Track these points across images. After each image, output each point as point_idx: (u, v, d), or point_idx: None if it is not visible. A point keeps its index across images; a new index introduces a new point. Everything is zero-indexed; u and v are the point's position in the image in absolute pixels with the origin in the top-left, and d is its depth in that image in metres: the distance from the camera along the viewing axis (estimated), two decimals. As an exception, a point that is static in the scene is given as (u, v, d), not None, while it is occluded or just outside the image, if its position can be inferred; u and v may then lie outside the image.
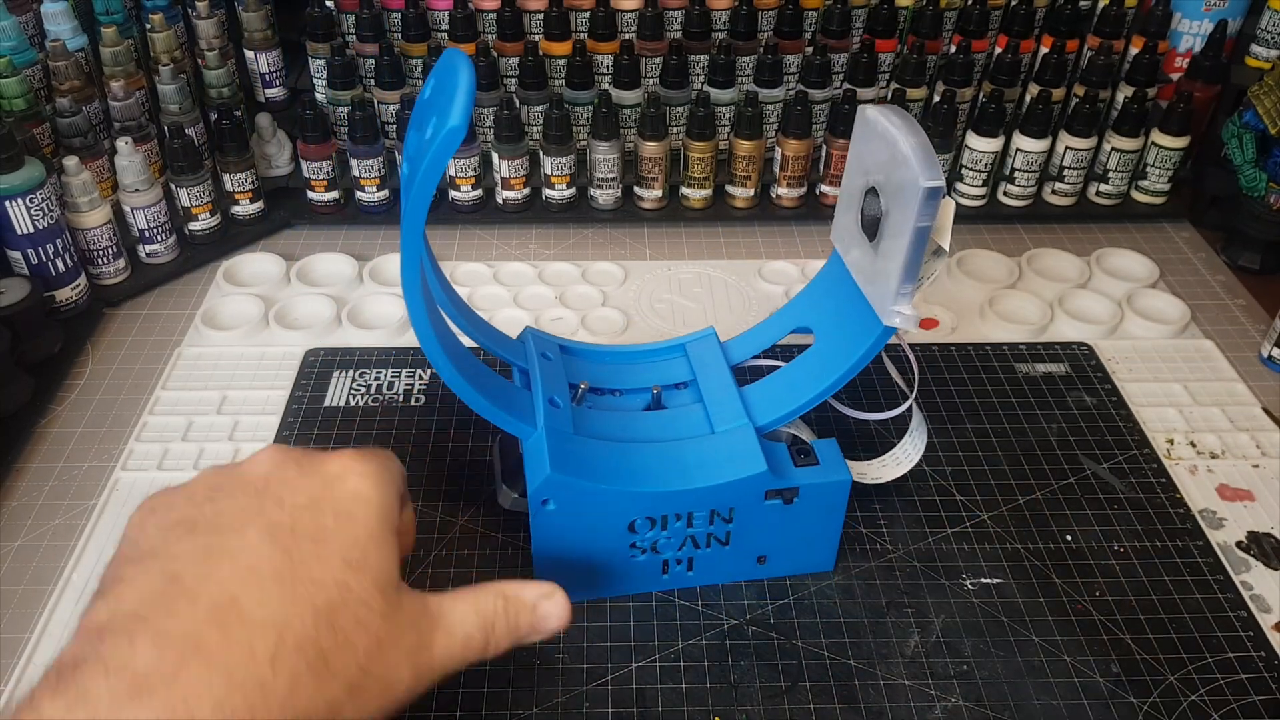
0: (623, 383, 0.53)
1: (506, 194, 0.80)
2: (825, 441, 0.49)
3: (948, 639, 0.48)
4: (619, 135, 0.78)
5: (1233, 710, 0.45)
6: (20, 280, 0.65)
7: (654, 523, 0.46)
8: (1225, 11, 0.84)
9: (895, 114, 0.45)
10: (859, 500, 0.55)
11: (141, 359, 0.67)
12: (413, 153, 0.41)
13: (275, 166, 0.83)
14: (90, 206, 0.69)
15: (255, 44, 0.87)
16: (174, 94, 0.78)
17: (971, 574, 0.52)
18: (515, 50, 0.82)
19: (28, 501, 0.56)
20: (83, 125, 0.72)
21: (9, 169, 0.63)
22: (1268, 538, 0.54)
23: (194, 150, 0.73)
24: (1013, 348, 0.68)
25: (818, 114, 0.81)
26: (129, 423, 0.61)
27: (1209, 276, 0.77)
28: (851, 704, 0.46)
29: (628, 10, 0.83)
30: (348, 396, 0.63)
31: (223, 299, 0.71)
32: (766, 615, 0.50)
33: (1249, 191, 0.76)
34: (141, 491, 0.56)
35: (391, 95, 0.81)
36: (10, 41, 0.73)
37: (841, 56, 0.84)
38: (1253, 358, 0.69)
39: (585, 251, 0.79)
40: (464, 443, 0.59)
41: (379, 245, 0.79)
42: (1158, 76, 0.83)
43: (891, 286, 0.45)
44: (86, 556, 0.53)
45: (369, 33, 0.83)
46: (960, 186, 0.82)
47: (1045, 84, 0.81)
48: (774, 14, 0.84)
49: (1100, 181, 0.82)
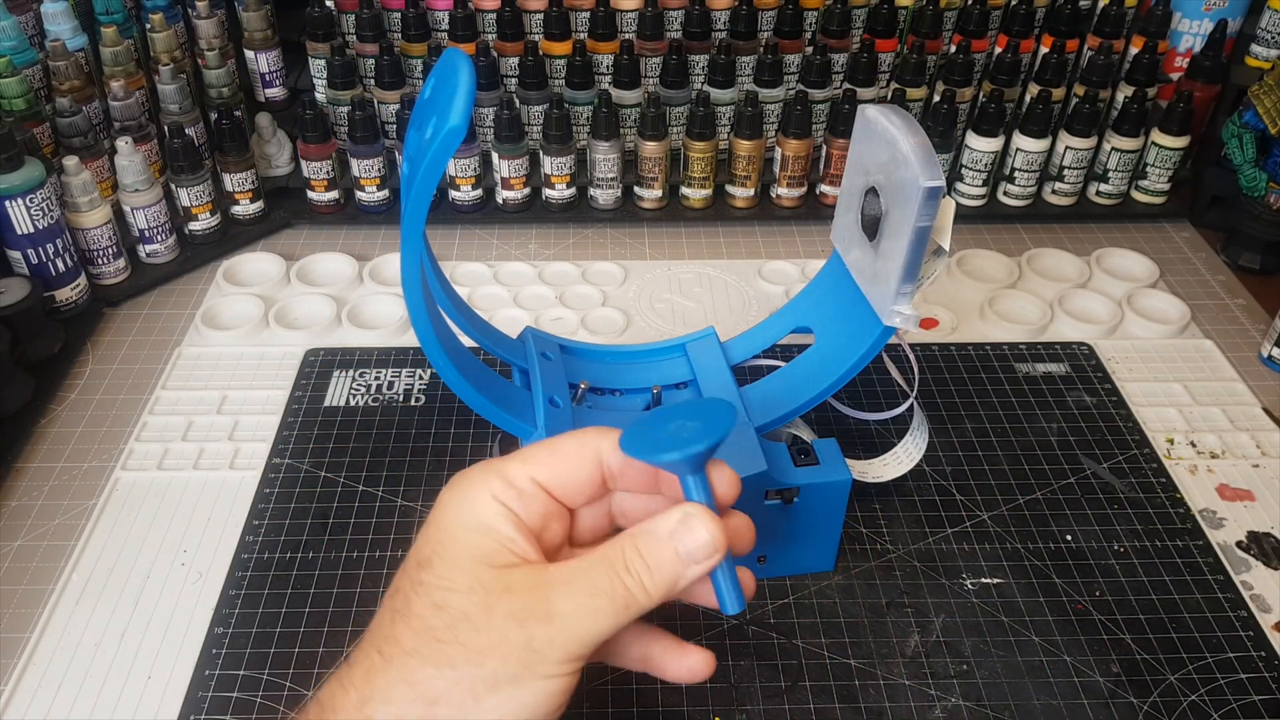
0: (623, 382, 0.53)
1: (506, 194, 0.80)
2: (825, 441, 0.49)
3: (948, 639, 0.48)
4: (619, 135, 0.78)
5: (1233, 710, 0.45)
6: (20, 280, 0.65)
7: (654, 523, 0.46)
8: (1225, 11, 0.84)
9: (895, 114, 0.45)
10: (859, 500, 0.55)
11: (141, 359, 0.67)
12: (413, 153, 0.41)
13: (275, 166, 0.83)
14: (90, 206, 0.69)
15: (255, 44, 0.87)
16: (174, 94, 0.78)
17: (971, 574, 0.52)
18: (515, 50, 0.82)
19: (28, 501, 0.56)
20: (83, 125, 0.72)
21: (9, 169, 0.63)
22: (1268, 538, 0.54)
23: (194, 150, 0.73)
24: (1013, 348, 0.68)
25: (818, 114, 0.81)
26: (129, 423, 0.61)
27: (1209, 276, 0.77)
28: (852, 704, 0.46)
29: (628, 10, 0.83)
30: (348, 396, 0.63)
31: (223, 299, 0.71)
32: (766, 615, 0.50)
33: (1249, 191, 0.76)
34: (141, 491, 0.56)
35: (391, 95, 0.81)
36: (10, 41, 0.73)
37: (841, 56, 0.84)
38: (1253, 357, 0.69)
39: (585, 251, 0.79)
40: (464, 443, 0.59)
41: (379, 245, 0.79)
42: (1158, 76, 0.83)
43: (891, 286, 0.45)
44: (86, 556, 0.53)
45: (369, 33, 0.83)
46: (960, 186, 0.82)
47: (1045, 84, 0.81)
48: (774, 14, 0.83)
49: (1100, 181, 0.82)
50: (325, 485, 0.57)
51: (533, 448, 0.36)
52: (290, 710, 0.45)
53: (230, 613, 0.49)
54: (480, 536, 0.33)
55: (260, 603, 0.50)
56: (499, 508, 0.34)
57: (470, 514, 0.34)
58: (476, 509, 0.34)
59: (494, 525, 0.33)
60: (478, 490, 0.34)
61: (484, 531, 0.33)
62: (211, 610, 0.50)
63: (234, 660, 0.47)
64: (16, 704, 0.46)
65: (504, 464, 0.35)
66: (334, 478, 0.57)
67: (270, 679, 0.46)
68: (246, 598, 0.50)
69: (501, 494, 0.34)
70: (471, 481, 0.35)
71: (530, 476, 0.34)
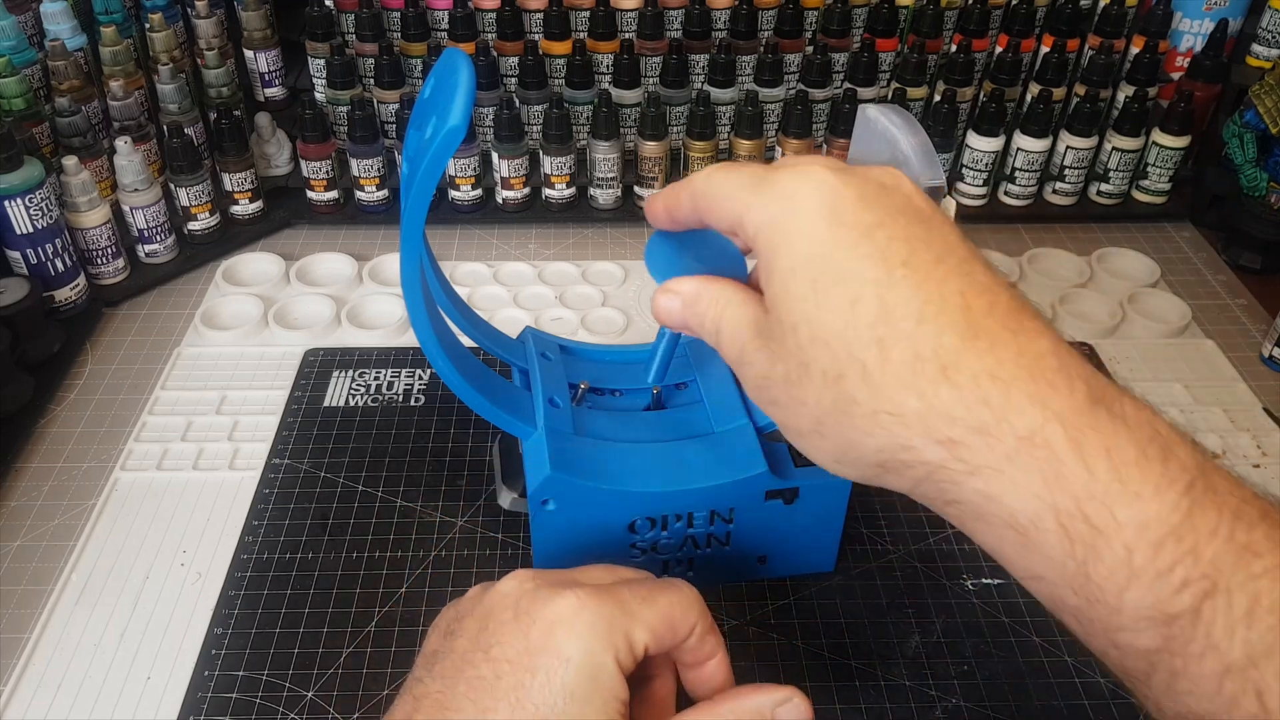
0: (623, 383, 0.53)
1: (506, 194, 0.80)
2: (826, 441, 0.49)
3: (948, 639, 0.48)
4: (619, 135, 0.78)
5: (1234, 711, 0.45)
6: (19, 280, 0.65)
7: (654, 523, 0.46)
8: (1226, 11, 0.84)
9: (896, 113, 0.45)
10: (859, 500, 0.55)
11: (141, 359, 0.67)
12: (412, 152, 0.41)
13: (275, 166, 0.83)
14: (89, 206, 0.69)
15: (255, 43, 0.87)
16: (173, 93, 0.78)
17: (972, 574, 0.52)
18: (515, 50, 0.82)
19: (27, 501, 0.56)
20: (82, 125, 0.72)
21: (8, 169, 0.63)
22: (1269, 538, 0.54)
23: (193, 150, 0.73)
24: (1013, 347, 0.68)
25: (818, 113, 0.81)
26: (128, 423, 0.61)
27: (1210, 276, 0.77)
28: (852, 704, 0.45)
29: (628, 10, 0.83)
30: (347, 396, 0.63)
31: (222, 299, 0.71)
32: (766, 615, 0.49)
33: (1250, 191, 0.76)
34: (141, 491, 0.56)
35: (391, 95, 0.81)
36: (9, 41, 0.73)
37: (842, 56, 0.84)
38: (1254, 357, 0.69)
39: (585, 251, 0.79)
40: (464, 443, 0.59)
41: (379, 245, 0.79)
42: (1158, 76, 0.83)
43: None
44: (86, 556, 0.53)
45: (369, 32, 0.83)
46: (961, 186, 0.82)
47: (1046, 83, 0.81)
48: (774, 13, 0.83)
49: (1101, 181, 0.82)
50: (325, 485, 0.57)
51: (646, 609, 0.34)
52: (290, 711, 0.45)
53: (230, 613, 0.49)
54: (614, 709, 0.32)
55: (260, 603, 0.50)
56: (624, 684, 0.32)
57: (607, 681, 0.32)
58: (614, 684, 0.32)
59: (623, 699, 0.32)
60: (608, 655, 0.32)
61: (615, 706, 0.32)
62: (211, 611, 0.50)
63: (233, 661, 0.47)
64: (16, 704, 0.46)
65: (631, 624, 0.33)
66: (333, 478, 0.57)
67: (270, 679, 0.46)
68: (246, 598, 0.50)
69: (626, 664, 0.33)
70: (599, 636, 0.32)
71: (645, 646, 0.33)
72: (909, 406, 0.28)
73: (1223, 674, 0.25)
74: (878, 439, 0.30)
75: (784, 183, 0.32)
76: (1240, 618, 0.25)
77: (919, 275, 0.29)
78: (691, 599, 0.35)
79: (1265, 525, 0.26)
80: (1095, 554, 0.27)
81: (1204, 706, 0.26)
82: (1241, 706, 0.25)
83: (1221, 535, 0.26)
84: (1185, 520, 0.26)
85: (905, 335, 0.29)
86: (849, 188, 0.31)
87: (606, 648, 0.32)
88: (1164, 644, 0.26)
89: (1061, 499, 0.27)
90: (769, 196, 0.32)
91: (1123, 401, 0.29)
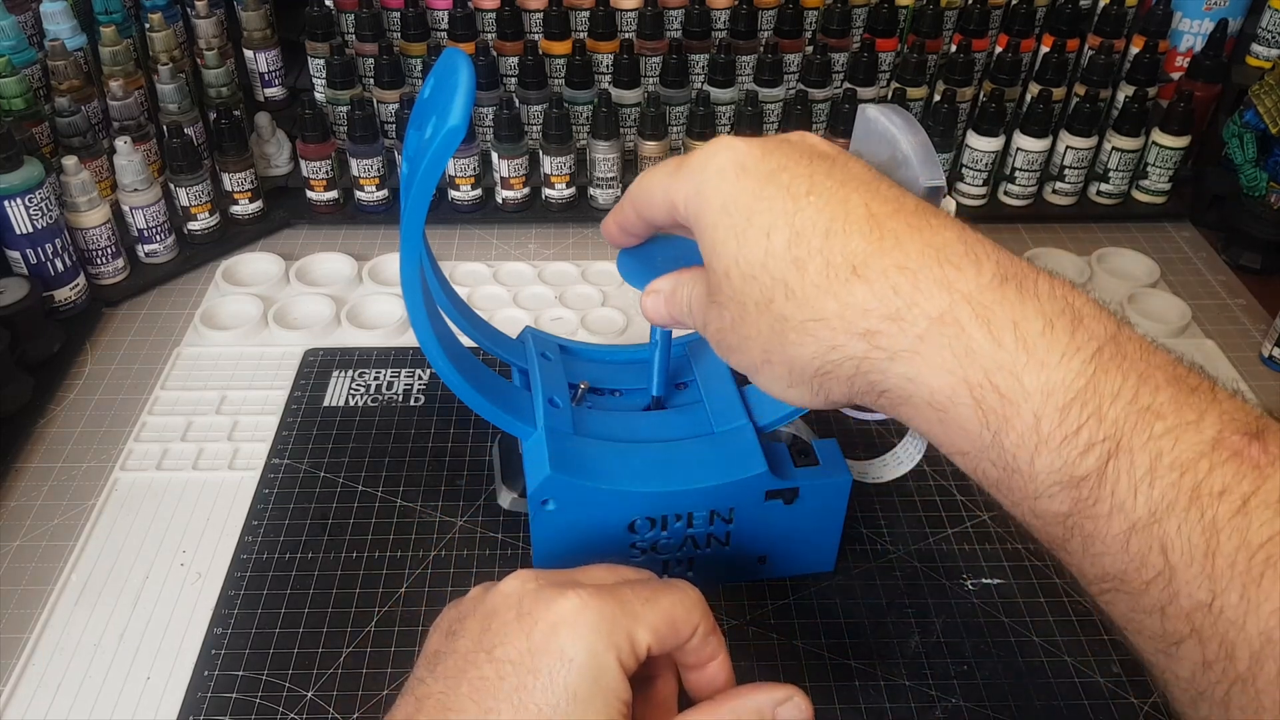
0: (623, 383, 0.53)
1: (506, 194, 0.80)
2: (825, 441, 0.49)
3: (948, 639, 0.48)
4: (619, 135, 0.78)
5: (1234, 711, 0.45)
6: (19, 280, 0.65)
7: (654, 523, 0.46)
8: (1226, 11, 0.84)
9: (896, 113, 0.44)
10: (859, 500, 0.55)
11: (140, 359, 0.67)
12: (412, 152, 0.41)
13: (274, 166, 0.83)
14: (89, 206, 0.69)
15: (254, 43, 0.87)
16: (173, 93, 0.78)
17: (971, 574, 0.52)
18: (515, 50, 0.82)
19: (27, 501, 0.56)
20: (82, 125, 0.72)
21: (8, 169, 0.63)
22: (1268, 538, 0.54)
23: (193, 150, 0.73)
24: (1013, 347, 0.68)
25: (818, 113, 0.81)
26: (128, 423, 0.61)
27: (1210, 276, 0.77)
28: (852, 704, 0.45)
29: (628, 9, 0.83)
30: (347, 396, 0.63)
31: (222, 299, 0.71)
32: (766, 615, 0.49)
33: (1250, 191, 0.76)
34: (140, 491, 0.56)
35: (391, 95, 0.81)
36: (9, 41, 0.73)
37: (842, 56, 0.84)
38: (1254, 358, 0.69)
39: (585, 251, 0.79)
40: (464, 443, 0.59)
41: (378, 245, 0.79)
42: (1158, 76, 0.83)
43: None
44: (85, 556, 0.53)
45: (368, 32, 0.82)
46: (961, 186, 0.82)
47: (1046, 83, 0.81)
48: (774, 13, 0.83)
49: (1101, 181, 0.82)
50: (324, 485, 0.57)
51: (648, 610, 0.34)
52: (290, 711, 0.45)
53: (229, 613, 0.49)
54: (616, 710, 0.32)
55: (259, 603, 0.50)
56: (626, 685, 0.32)
57: (610, 682, 0.32)
58: (617, 684, 0.32)
59: (626, 700, 0.32)
60: (610, 656, 0.32)
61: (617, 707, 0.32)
62: (211, 610, 0.50)
63: (233, 661, 0.47)
64: (15, 704, 0.46)
65: (633, 625, 0.33)
66: (333, 478, 0.57)
67: (269, 679, 0.46)
68: (246, 598, 0.50)
69: (628, 665, 0.33)
70: (601, 637, 0.32)
71: (648, 646, 0.33)
72: (829, 309, 0.31)
73: (1129, 532, 0.26)
74: (809, 347, 0.32)
75: (696, 158, 0.35)
76: (1142, 476, 0.26)
77: (823, 198, 0.32)
78: (694, 600, 0.35)
79: (1171, 389, 0.27)
80: (1006, 423, 0.28)
81: (1117, 566, 0.27)
82: (1148, 563, 0.26)
83: (1124, 398, 0.27)
84: (1089, 385, 0.27)
85: (817, 250, 0.31)
86: (753, 145, 0.34)
87: (609, 648, 0.32)
88: (1075, 507, 0.27)
89: (972, 372, 0.28)
90: (687, 173, 0.35)
91: (1037, 279, 0.31)
